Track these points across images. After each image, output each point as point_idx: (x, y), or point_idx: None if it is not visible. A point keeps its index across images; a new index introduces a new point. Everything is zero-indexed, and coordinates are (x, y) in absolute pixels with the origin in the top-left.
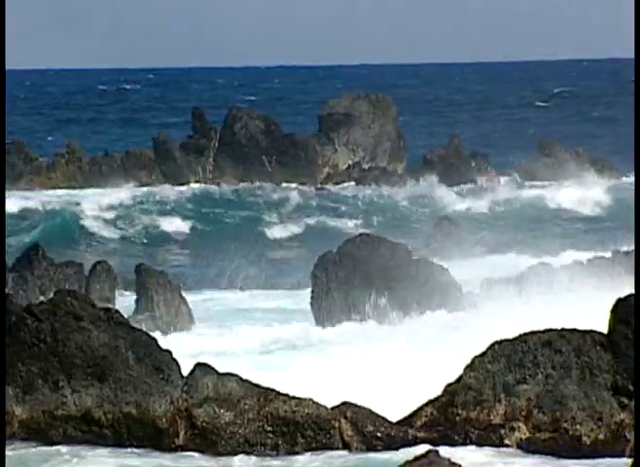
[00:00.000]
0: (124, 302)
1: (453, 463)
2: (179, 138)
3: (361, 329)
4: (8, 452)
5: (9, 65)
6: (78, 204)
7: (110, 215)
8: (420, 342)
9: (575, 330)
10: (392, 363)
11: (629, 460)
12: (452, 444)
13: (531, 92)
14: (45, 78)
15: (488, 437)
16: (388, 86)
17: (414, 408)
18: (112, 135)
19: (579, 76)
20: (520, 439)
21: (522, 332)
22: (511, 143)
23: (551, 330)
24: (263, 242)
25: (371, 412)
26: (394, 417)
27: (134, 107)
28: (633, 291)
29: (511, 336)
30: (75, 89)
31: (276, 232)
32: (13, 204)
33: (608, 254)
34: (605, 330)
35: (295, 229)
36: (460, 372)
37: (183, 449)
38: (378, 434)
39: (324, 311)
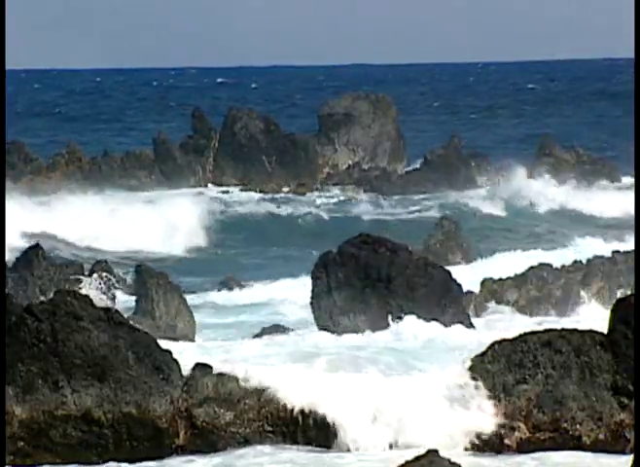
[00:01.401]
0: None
1: (453, 463)
2: (174, 138)
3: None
4: None
5: (8, 65)
6: None
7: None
8: (420, 342)
9: (575, 330)
10: (392, 363)
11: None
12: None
13: (515, 91)
14: (41, 78)
15: (488, 437)
16: (387, 85)
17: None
18: (103, 134)
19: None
20: (520, 439)
21: (522, 332)
22: (509, 142)
23: (550, 330)
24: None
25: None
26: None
27: (125, 107)
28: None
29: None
30: (64, 89)
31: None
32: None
33: (608, 254)
34: (605, 330)
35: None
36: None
37: (183, 449)
38: None
39: (324, 311)
